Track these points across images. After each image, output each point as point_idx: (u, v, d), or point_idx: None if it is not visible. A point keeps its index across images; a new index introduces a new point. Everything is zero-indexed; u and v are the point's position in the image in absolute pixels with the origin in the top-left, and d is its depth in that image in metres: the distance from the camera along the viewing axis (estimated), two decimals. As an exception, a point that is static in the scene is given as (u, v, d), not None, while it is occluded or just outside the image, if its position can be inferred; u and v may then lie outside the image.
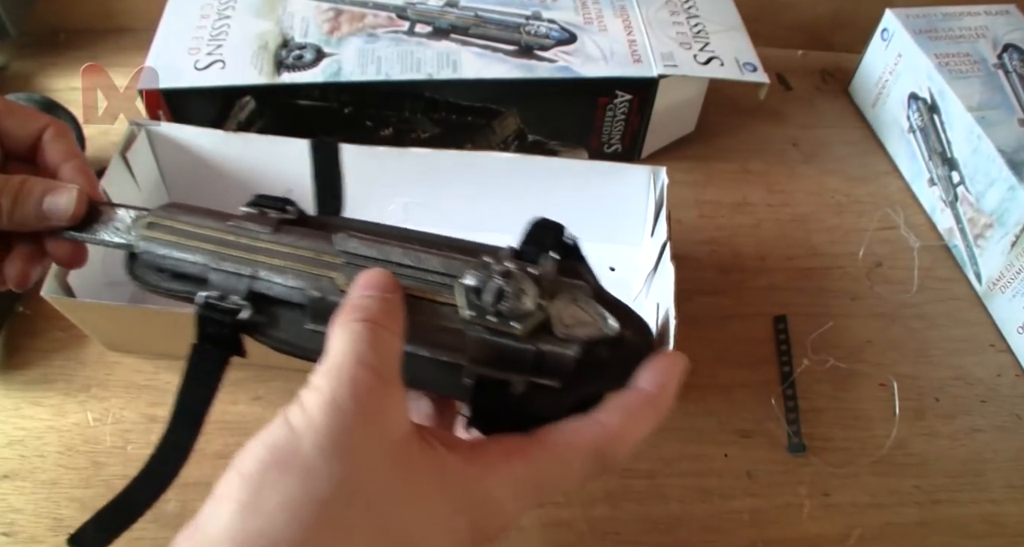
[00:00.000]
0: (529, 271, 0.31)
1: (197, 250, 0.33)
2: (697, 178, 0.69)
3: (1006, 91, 0.64)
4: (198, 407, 0.32)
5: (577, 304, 0.31)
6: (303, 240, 0.33)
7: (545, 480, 0.29)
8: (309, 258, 0.32)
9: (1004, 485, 0.51)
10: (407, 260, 0.32)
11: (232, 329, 0.32)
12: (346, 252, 0.32)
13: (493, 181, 0.58)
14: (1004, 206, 0.58)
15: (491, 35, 0.65)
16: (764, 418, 0.53)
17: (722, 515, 0.49)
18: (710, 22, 0.68)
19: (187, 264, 0.33)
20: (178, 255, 0.33)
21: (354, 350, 0.26)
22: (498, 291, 0.29)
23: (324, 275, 0.32)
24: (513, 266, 0.30)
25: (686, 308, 0.49)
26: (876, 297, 0.61)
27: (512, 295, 0.29)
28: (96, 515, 0.31)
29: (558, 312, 0.30)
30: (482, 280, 0.30)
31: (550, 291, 0.31)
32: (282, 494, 0.23)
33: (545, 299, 0.30)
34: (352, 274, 0.31)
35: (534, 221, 0.35)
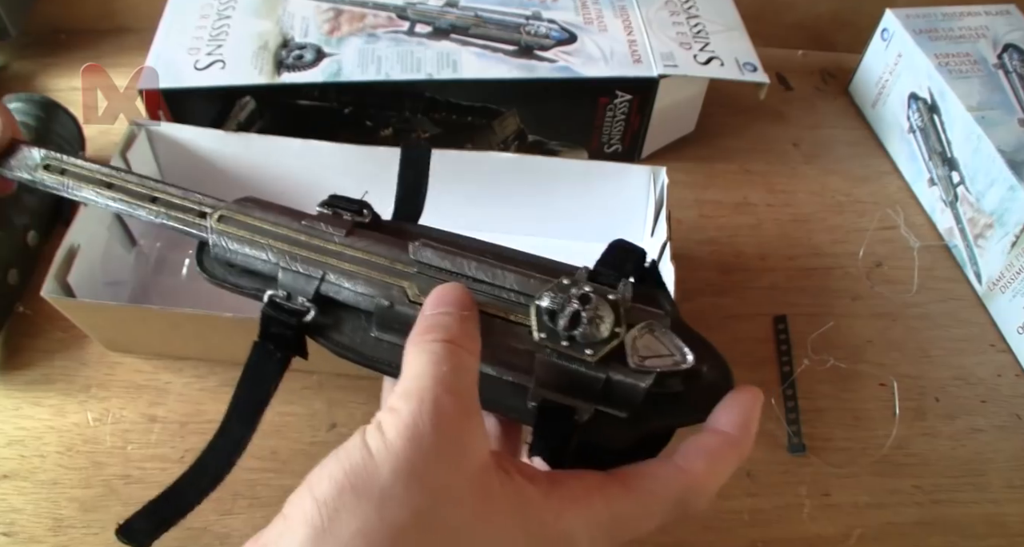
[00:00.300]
0: (608, 297, 0.30)
1: (269, 247, 0.32)
2: (697, 178, 0.69)
3: (1006, 91, 0.64)
4: (255, 405, 0.31)
5: (653, 334, 0.30)
6: (376, 246, 0.32)
7: (625, 523, 0.27)
8: (381, 265, 0.32)
9: (1005, 485, 0.51)
10: (482, 275, 0.31)
11: (296, 330, 0.31)
12: (419, 262, 0.32)
13: (493, 181, 0.58)
14: (1004, 206, 0.58)
15: (491, 35, 0.65)
16: (764, 418, 0.53)
17: (722, 515, 0.49)
18: (710, 22, 0.68)
19: (258, 261, 0.33)
20: (249, 251, 0.33)
21: (434, 373, 0.25)
22: (574, 315, 0.29)
23: (395, 284, 0.31)
24: (591, 290, 0.29)
25: (686, 308, 0.49)
26: (876, 297, 0.61)
27: (588, 321, 0.28)
28: (145, 508, 0.30)
29: (633, 341, 0.29)
30: (559, 303, 0.29)
31: (627, 319, 0.30)
32: (359, 521, 0.22)
33: (621, 327, 0.29)
34: (424, 285, 0.30)
35: (613, 243, 0.34)
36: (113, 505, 0.47)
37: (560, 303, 0.29)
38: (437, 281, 0.30)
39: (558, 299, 0.29)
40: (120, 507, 0.47)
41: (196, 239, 0.34)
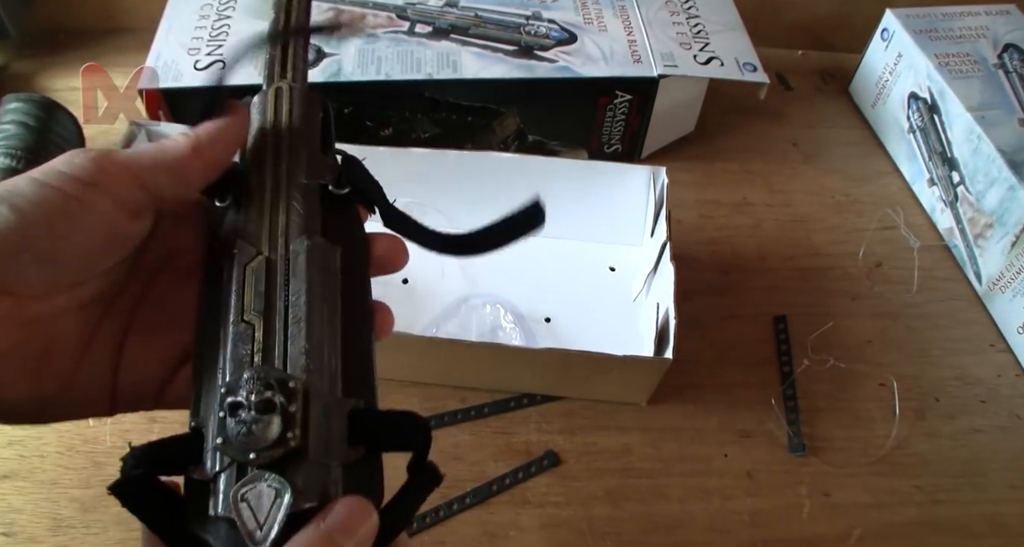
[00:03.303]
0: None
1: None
2: (697, 178, 0.69)
3: (1006, 91, 0.64)
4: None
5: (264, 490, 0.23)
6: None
7: None
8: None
9: (1004, 485, 0.51)
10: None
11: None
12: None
13: (493, 181, 0.58)
14: (1004, 206, 0.58)
15: (491, 35, 0.65)
16: (764, 418, 0.53)
17: (722, 515, 0.49)
18: (710, 22, 0.68)
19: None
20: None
21: None
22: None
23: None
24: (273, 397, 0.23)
25: (686, 308, 0.49)
26: (876, 297, 0.61)
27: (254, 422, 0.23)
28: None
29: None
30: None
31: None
32: None
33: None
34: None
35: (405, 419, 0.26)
36: (113, 505, 0.46)
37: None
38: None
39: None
40: (119, 507, 0.47)
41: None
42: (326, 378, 0.25)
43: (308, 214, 0.28)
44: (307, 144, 0.30)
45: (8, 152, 0.56)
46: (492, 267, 0.59)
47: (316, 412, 0.24)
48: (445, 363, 0.51)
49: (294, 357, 0.25)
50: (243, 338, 0.25)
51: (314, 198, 0.29)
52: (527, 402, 0.53)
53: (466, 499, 0.48)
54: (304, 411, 0.23)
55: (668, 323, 0.48)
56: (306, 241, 0.27)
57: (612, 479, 0.50)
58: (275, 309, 0.26)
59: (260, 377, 0.23)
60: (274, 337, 0.25)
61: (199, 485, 0.23)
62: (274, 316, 0.26)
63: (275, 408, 0.23)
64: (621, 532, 0.48)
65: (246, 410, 0.23)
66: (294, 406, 0.23)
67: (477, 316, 0.56)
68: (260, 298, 0.26)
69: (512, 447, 0.51)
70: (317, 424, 0.23)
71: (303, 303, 0.26)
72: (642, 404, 0.53)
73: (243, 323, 0.25)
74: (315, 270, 0.27)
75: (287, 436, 0.22)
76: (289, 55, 0.33)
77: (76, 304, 0.26)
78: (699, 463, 0.51)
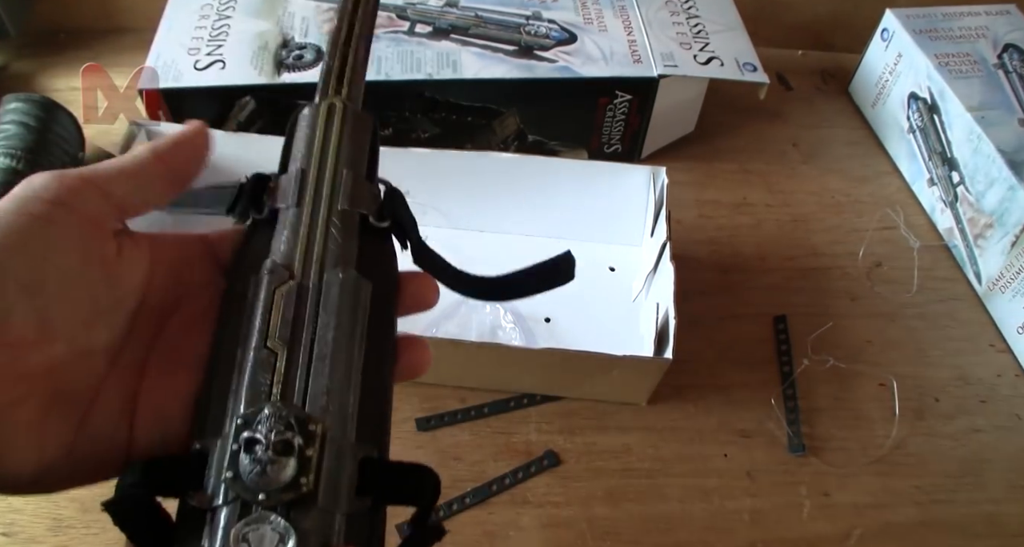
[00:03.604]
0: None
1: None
2: (697, 178, 0.69)
3: (1006, 91, 0.64)
4: None
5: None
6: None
7: None
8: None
9: (1004, 485, 0.51)
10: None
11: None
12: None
13: (493, 181, 0.58)
14: (1004, 206, 0.58)
15: (491, 35, 0.65)
16: (764, 418, 0.53)
17: (722, 515, 0.49)
18: (710, 22, 0.68)
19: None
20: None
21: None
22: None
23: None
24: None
25: (686, 308, 0.49)
26: (876, 297, 0.61)
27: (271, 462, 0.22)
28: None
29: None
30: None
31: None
32: None
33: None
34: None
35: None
36: (113, 505, 0.47)
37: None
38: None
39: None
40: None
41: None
42: (343, 421, 0.24)
43: (346, 244, 0.27)
44: (353, 170, 0.29)
45: (8, 152, 0.56)
46: (492, 267, 0.59)
47: (330, 457, 0.23)
48: (445, 363, 0.51)
49: (315, 395, 0.24)
50: (264, 366, 0.24)
51: (353, 227, 0.28)
52: (527, 402, 0.53)
53: (466, 499, 0.48)
54: (319, 456, 0.22)
55: (668, 323, 0.48)
56: (340, 273, 0.26)
57: (612, 479, 0.50)
58: (301, 340, 0.25)
59: (281, 416, 0.22)
60: (296, 370, 0.24)
61: (195, 512, 0.22)
62: (299, 347, 0.25)
63: (293, 450, 0.22)
64: (621, 532, 0.48)
65: (263, 448, 0.22)
66: (311, 450, 0.22)
67: (477, 316, 0.56)
68: (287, 326, 0.25)
69: (512, 447, 0.51)
70: (330, 470, 0.22)
71: (331, 339, 0.25)
72: (642, 404, 0.53)
73: (266, 349, 0.24)
74: (346, 305, 0.26)
75: (300, 481, 0.22)
76: (347, 69, 0.31)
77: (79, 352, 0.24)
78: (699, 463, 0.51)
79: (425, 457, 0.50)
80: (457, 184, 0.58)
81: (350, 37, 0.32)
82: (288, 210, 0.28)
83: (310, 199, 0.28)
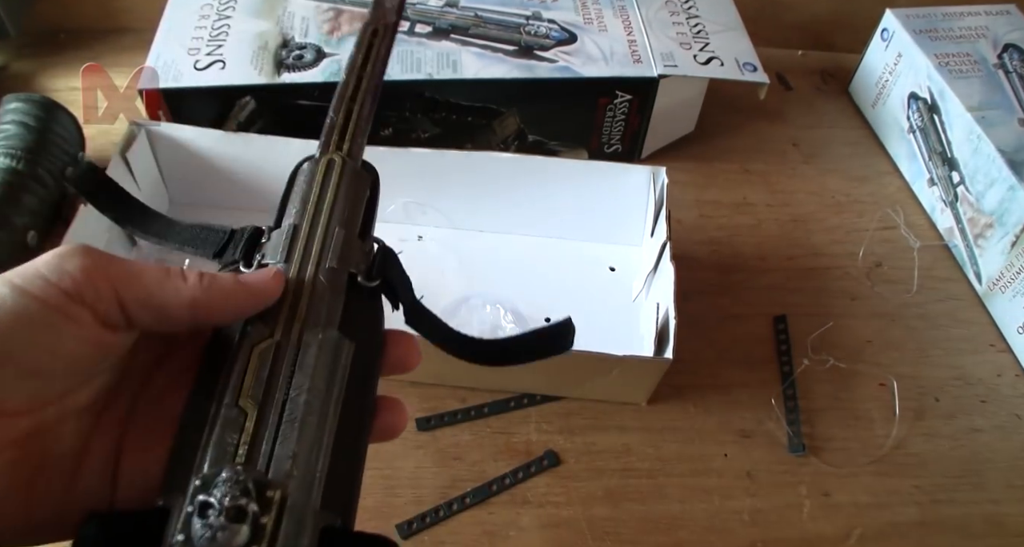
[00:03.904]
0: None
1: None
2: (697, 178, 0.69)
3: (1006, 91, 0.64)
4: None
5: None
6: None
7: None
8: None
9: (1004, 485, 0.51)
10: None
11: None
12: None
13: (493, 181, 0.58)
14: (1004, 206, 0.58)
15: (491, 35, 0.65)
16: (764, 418, 0.53)
17: (722, 515, 0.49)
18: (710, 22, 0.68)
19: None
20: None
21: None
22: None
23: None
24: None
25: (686, 308, 0.49)
26: (876, 297, 0.61)
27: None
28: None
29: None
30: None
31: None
32: None
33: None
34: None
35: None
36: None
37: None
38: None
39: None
40: (120, 507, 0.47)
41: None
42: (307, 487, 0.23)
43: (330, 303, 0.27)
44: (346, 228, 0.29)
45: (8, 152, 0.56)
46: (492, 267, 0.59)
47: (288, 524, 0.22)
48: (445, 363, 0.51)
49: (280, 459, 0.23)
50: (232, 425, 0.24)
51: (340, 286, 0.28)
52: (527, 402, 0.53)
53: (466, 499, 0.48)
54: (276, 525, 0.22)
55: (668, 323, 0.48)
56: (320, 334, 0.26)
57: (612, 479, 0.50)
58: (273, 401, 0.24)
59: (238, 480, 0.22)
60: (264, 431, 0.24)
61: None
62: (269, 408, 0.24)
63: (246, 517, 0.21)
64: (621, 532, 0.48)
65: (215, 513, 0.21)
66: (266, 517, 0.22)
67: (477, 316, 0.56)
68: (260, 385, 0.25)
69: (512, 447, 0.51)
70: (286, 537, 0.22)
71: (302, 402, 0.24)
72: (642, 404, 0.53)
73: (236, 408, 0.24)
74: (323, 367, 0.25)
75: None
76: (351, 125, 0.31)
77: (67, 413, 0.24)
78: (699, 463, 0.51)
79: (425, 457, 0.50)
80: (457, 184, 0.58)
81: (356, 93, 0.32)
82: (276, 266, 0.27)
83: (298, 257, 0.28)
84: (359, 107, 0.32)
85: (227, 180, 0.59)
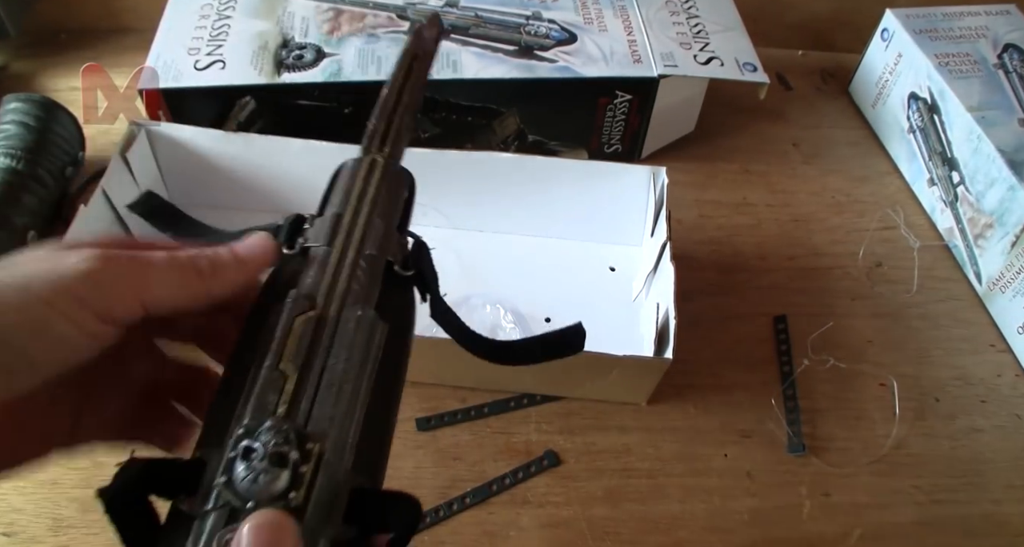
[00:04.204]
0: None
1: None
2: (697, 178, 0.69)
3: (1006, 91, 0.64)
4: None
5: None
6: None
7: None
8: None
9: (1004, 485, 0.51)
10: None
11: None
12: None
13: (493, 181, 0.58)
14: (1004, 206, 0.58)
15: (491, 35, 0.65)
16: (764, 418, 0.53)
17: (722, 515, 0.49)
18: (710, 22, 0.68)
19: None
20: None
21: None
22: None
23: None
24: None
25: (686, 308, 0.49)
26: (876, 297, 0.61)
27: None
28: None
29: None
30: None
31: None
32: None
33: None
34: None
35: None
36: (113, 505, 0.47)
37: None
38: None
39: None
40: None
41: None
42: (341, 448, 0.24)
43: (369, 285, 0.28)
44: (385, 220, 0.31)
45: (8, 152, 0.56)
46: (492, 267, 0.59)
47: (324, 479, 0.23)
48: (445, 363, 0.51)
49: (317, 420, 0.24)
50: (273, 385, 0.25)
51: (378, 272, 0.29)
52: (527, 402, 0.53)
53: (466, 499, 0.48)
54: (313, 475, 0.23)
55: (668, 323, 0.48)
56: (359, 310, 0.27)
57: (612, 479, 0.50)
58: (313, 367, 0.26)
59: (282, 429, 0.23)
60: (303, 394, 0.25)
61: (183, 517, 0.23)
62: (310, 373, 0.25)
63: (287, 463, 0.22)
64: (621, 532, 0.48)
65: (259, 458, 0.22)
66: (306, 467, 0.23)
67: (477, 316, 0.56)
68: (302, 352, 0.26)
69: (512, 447, 0.51)
70: (321, 491, 0.23)
71: (341, 369, 0.26)
72: (642, 404, 0.53)
73: (278, 370, 0.25)
74: (361, 341, 0.27)
75: (290, 495, 0.22)
76: (392, 131, 0.34)
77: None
78: (699, 463, 0.51)
79: (425, 457, 0.50)
80: (457, 184, 0.58)
81: (398, 104, 0.34)
82: (319, 248, 0.29)
83: (341, 241, 0.29)
84: (399, 118, 0.34)
85: (227, 180, 0.59)
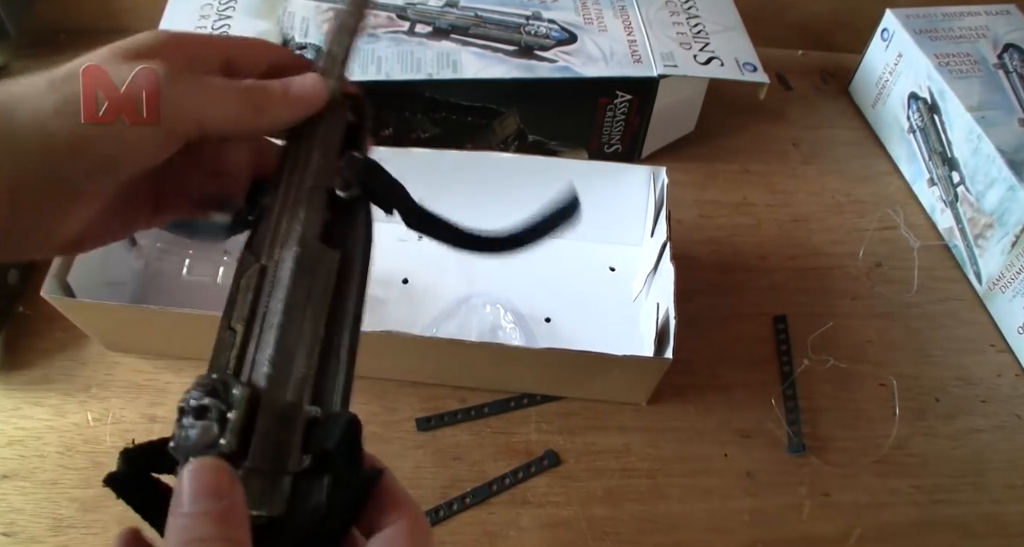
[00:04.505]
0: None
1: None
2: (697, 178, 0.69)
3: (1006, 91, 0.64)
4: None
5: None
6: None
7: None
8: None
9: (1004, 485, 0.51)
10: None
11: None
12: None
13: (493, 181, 0.58)
14: (1004, 206, 0.58)
15: (491, 35, 0.65)
16: (764, 418, 0.53)
17: (722, 515, 0.49)
18: (710, 22, 0.68)
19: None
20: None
21: None
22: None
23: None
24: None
25: (686, 308, 0.49)
26: (876, 297, 0.61)
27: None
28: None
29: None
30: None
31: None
32: None
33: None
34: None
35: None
36: (113, 505, 0.46)
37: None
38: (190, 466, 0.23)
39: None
40: (120, 507, 0.47)
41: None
42: (290, 385, 0.25)
43: (308, 219, 0.29)
44: (323, 150, 0.30)
45: (8, 152, 0.56)
46: (492, 267, 0.59)
47: (266, 420, 0.24)
48: (445, 363, 0.51)
49: (259, 363, 0.25)
50: (226, 345, 0.26)
51: (318, 202, 0.29)
52: (527, 402, 0.53)
53: (466, 499, 0.48)
54: (245, 418, 0.24)
55: (668, 323, 0.48)
56: (295, 247, 0.28)
57: (612, 479, 0.50)
58: (256, 316, 0.26)
59: (204, 384, 0.24)
60: (249, 344, 0.26)
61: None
62: (254, 323, 0.26)
63: (209, 413, 0.23)
64: (621, 532, 0.48)
65: (188, 416, 0.23)
66: (233, 412, 0.23)
67: (477, 316, 0.56)
68: (246, 306, 0.27)
69: (512, 447, 0.51)
70: (265, 432, 0.24)
71: (279, 310, 0.26)
72: (642, 404, 0.53)
73: (229, 330, 0.26)
74: (299, 276, 0.27)
75: (220, 442, 0.23)
76: (329, 59, 0.33)
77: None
78: (699, 463, 0.51)
79: (425, 457, 0.50)
80: (457, 184, 0.58)
81: (338, 31, 0.34)
82: (266, 200, 0.30)
83: (283, 187, 0.30)
84: (336, 45, 0.34)
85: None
